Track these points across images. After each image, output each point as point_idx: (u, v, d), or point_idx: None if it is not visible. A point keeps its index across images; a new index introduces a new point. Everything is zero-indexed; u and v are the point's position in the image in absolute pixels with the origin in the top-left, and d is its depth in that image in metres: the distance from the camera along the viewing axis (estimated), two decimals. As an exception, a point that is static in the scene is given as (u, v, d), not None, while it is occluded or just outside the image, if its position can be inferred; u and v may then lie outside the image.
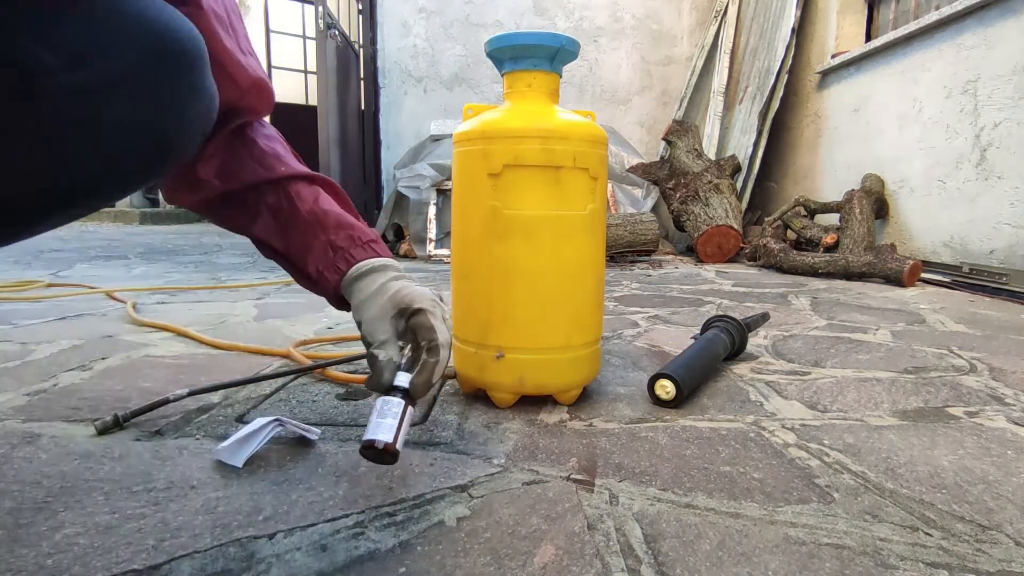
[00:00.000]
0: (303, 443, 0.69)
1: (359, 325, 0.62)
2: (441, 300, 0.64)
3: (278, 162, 0.64)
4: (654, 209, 3.29)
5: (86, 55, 0.43)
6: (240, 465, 0.62)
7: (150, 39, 0.45)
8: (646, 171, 3.33)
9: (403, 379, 0.59)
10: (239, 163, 0.61)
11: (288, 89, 6.81)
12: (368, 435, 0.55)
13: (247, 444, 0.64)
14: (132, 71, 0.44)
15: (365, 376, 0.93)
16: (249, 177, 0.62)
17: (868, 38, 3.09)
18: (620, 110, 4.47)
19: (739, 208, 3.06)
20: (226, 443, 0.64)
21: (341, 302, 0.65)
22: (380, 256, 0.64)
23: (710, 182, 3.02)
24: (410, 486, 0.59)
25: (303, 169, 0.65)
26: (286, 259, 0.65)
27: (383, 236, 3.18)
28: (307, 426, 0.70)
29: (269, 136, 0.66)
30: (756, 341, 1.24)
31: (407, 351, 0.62)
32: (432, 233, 2.95)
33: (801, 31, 3.39)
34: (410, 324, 0.62)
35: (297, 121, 6.67)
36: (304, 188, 0.64)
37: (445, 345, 0.61)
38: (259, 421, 0.67)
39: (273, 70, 6.68)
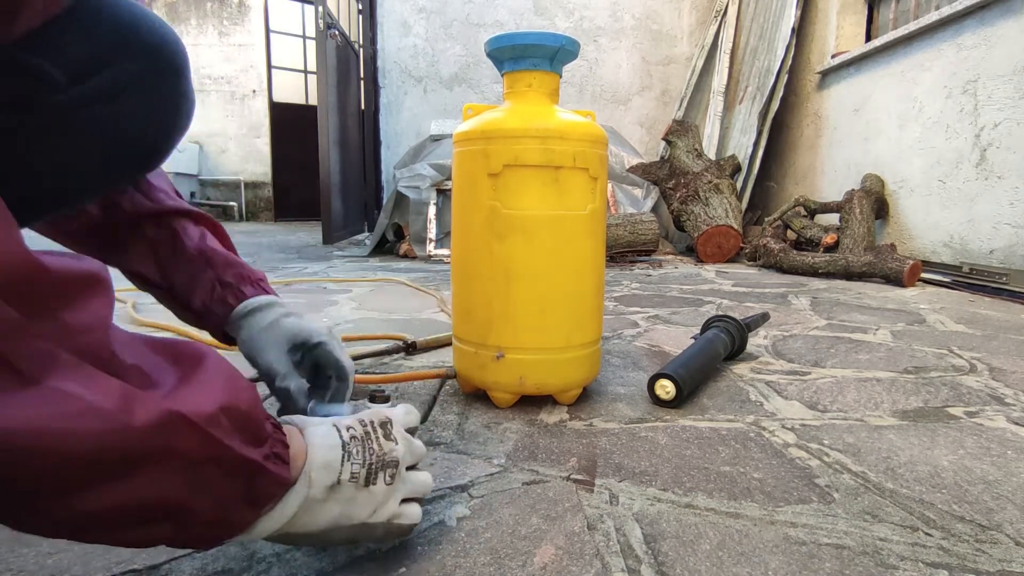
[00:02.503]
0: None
1: (252, 360, 0.62)
2: (331, 332, 0.66)
3: (165, 196, 0.63)
4: (654, 209, 3.29)
5: (91, 68, 0.46)
6: None
7: (149, 49, 0.49)
8: (646, 171, 3.33)
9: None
10: (122, 194, 0.60)
11: (288, 89, 6.81)
12: None
13: None
14: (133, 79, 0.49)
15: (365, 376, 0.93)
16: (132, 208, 0.60)
17: (868, 38, 3.09)
18: (620, 110, 4.48)
19: (739, 208, 3.06)
20: None
21: (225, 336, 0.65)
22: (269, 294, 0.65)
23: (710, 182, 3.02)
24: (410, 486, 0.59)
25: (189, 207, 0.65)
26: (165, 291, 0.64)
27: (383, 236, 3.18)
28: None
29: (156, 172, 0.65)
30: (756, 341, 1.24)
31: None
32: (432, 233, 2.95)
33: (801, 31, 3.39)
34: (313, 356, 0.63)
35: (297, 121, 6.69)
36: (190, 226, 0.64)
37: (351, 371, 0.64)
38: None
39: (273, 70, 6.67)
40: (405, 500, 0.46)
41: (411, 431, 0.52)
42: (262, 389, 0.68)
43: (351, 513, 0.42)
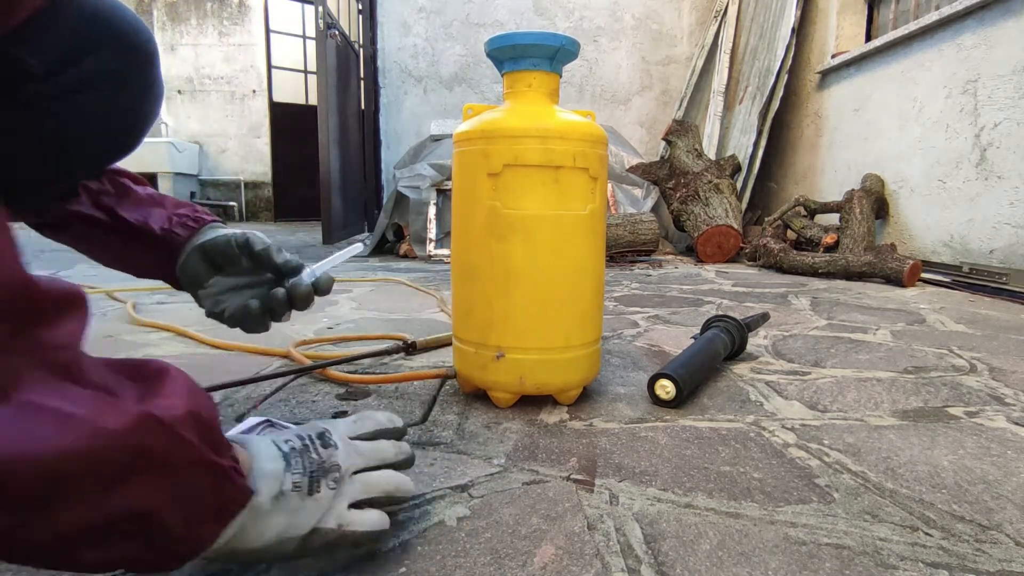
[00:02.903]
0: (303, 443, 0.69)
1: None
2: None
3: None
4: (654, 209, 3.29)
5: (67, 58, 0.48)
6: None
7: (122, 40, 0.52)
8: (646, 171, 3.33)
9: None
10: None
11: (288, 89, 6.80)
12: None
13: None
14: (108, 69, 0.51)
15: (365, 376, 0.93)
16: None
17: (868, 38, 3.09)
18: (620, 110, 4.48)
19: (739, 208, 3.06)
20: None
21: (171, 274, 0.68)
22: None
23: (710, 182, 3.02)
24: (410, 486, 0.59)
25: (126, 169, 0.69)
26: (112, 229, 0.65)
27: (383, 236, 3.18)
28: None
29: None
30: (756, 341, 1.24)
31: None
32: (432, 233, 2.95)
33: (801, 31, 3.39)
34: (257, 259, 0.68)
35: (297, 121, 6.68)
36: (131, 182, 0.68)
37: (295, 265, 0.71)
38: (249, 422, 0.67)
39: (273, 70, 6.67)
40: (359, 506, 0.45)
41: (389, 434, 0.52)
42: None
43: (298, 523, 0.41)
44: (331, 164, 3.42)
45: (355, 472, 0.46)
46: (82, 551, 0.31)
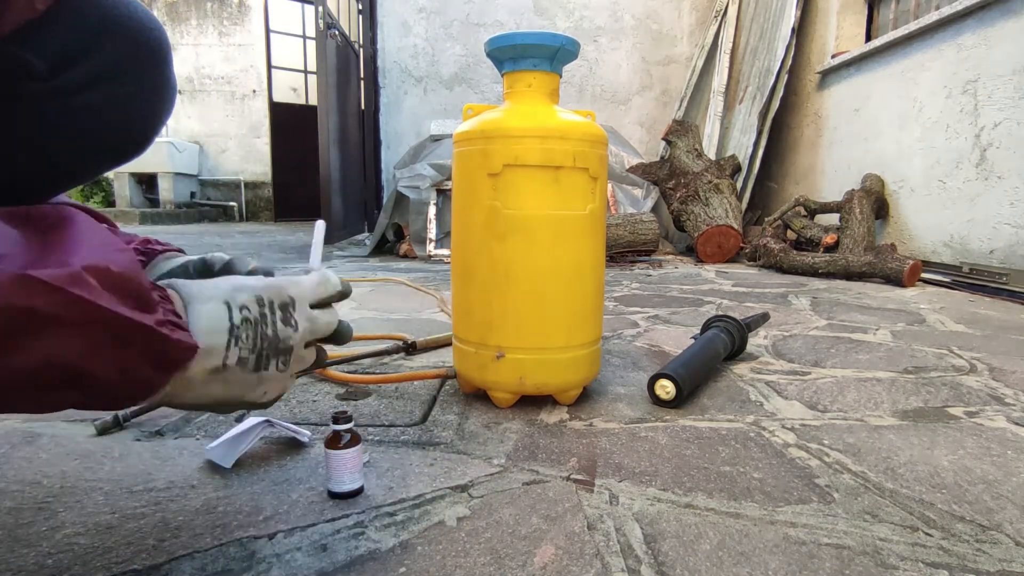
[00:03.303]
0: (302, 443, 0.69)
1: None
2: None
3: None
4: (654, 209, 3.29)
5: (73, 57, 0.46)
6: (229, 466, 0.62)
7: (131, 37, 0.49)
8: (646, 171, 3.33)
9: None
10: None
11: (288, 89, 6.80)
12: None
13: (236, 445, 0.64)
14: (116, 67, 0.49)
15: (365, 376, 0.93)
16: None
17: (868, 38, 3.09)
18: (620, 110, 4.48)
19: (739, 208, 3.06)
20: (216, 443, 0.64)
21: None
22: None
23: (710, 182, 3.02)
24: (410, 486, 0.59)
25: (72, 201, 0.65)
26: None
27: (383, 236, 3.18)
28: (297, 428, 0.69)
29: None
30: (756, 341, 1.24)
31: None
32: (432, 233, 2.95)
33: (801, 31, 3.39)
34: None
35: (297, 121, 6.68)
36: (78, 211, 0.64)
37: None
38: (249, 421, 0.67)
39: (273, 70, 6.67)
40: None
41: (341, 297, 0.49)
42: None
43: (238, 393, 0.40)
44: (331, 164, 3.42)
45: (305, 346, 0.45)
46: (18, 400, 0.32)
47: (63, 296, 0.31)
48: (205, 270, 0.59)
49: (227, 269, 0.58)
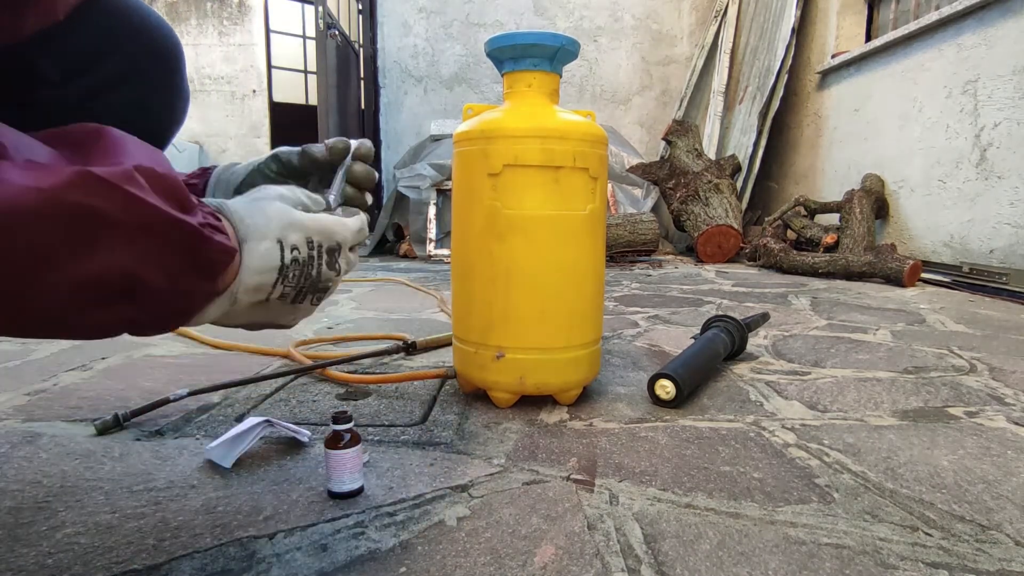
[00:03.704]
0: (302, 443, 0.69)
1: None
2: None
3: None
4: (654, 209, 3.29)
5: (86, 63, 0.46)
6: (228, 466, 0.62)
7: (146, 40, 0.48)
8: (646, 171, 3.33)
9: None
10: None
11: (288, 89, 6.80)
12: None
13: (236, 445, 0.64)
14: (129, 72, 0.48)
15: (365, 376, 0.93)
16: None
17: (868, 38, 3.09)
18: (620, 110, 4.47)
19: (739, 208, 3.06)
20: (216, 443, 0.64)
21: None
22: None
23: (710, 182, 3.02)
24: (410, 486, 0.59)
25: None
26: None
27: (383, 236, 3.17)
28: (297, 427, 0.69)
29: None
30: (756, 341, 1.24)
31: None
32: (432, 233, 2.95)
33: (801, 31, 3.39)
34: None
35: (297, 121, 6.68)
36: None
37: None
38: (249, 421, 0.67)
39: (273, 70, 6.67)
40: None
41: (358, 244, 0.50)
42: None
43: (271, 319, 0.43)
44: (331, 164, 3.41)
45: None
46: (70, 315, 0.30)
47: (121, 195, 0.30)
48: (281, 163, 0.54)
49: (304, 155, 0.54)
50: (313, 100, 6.29)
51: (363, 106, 4.31)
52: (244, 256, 0.39)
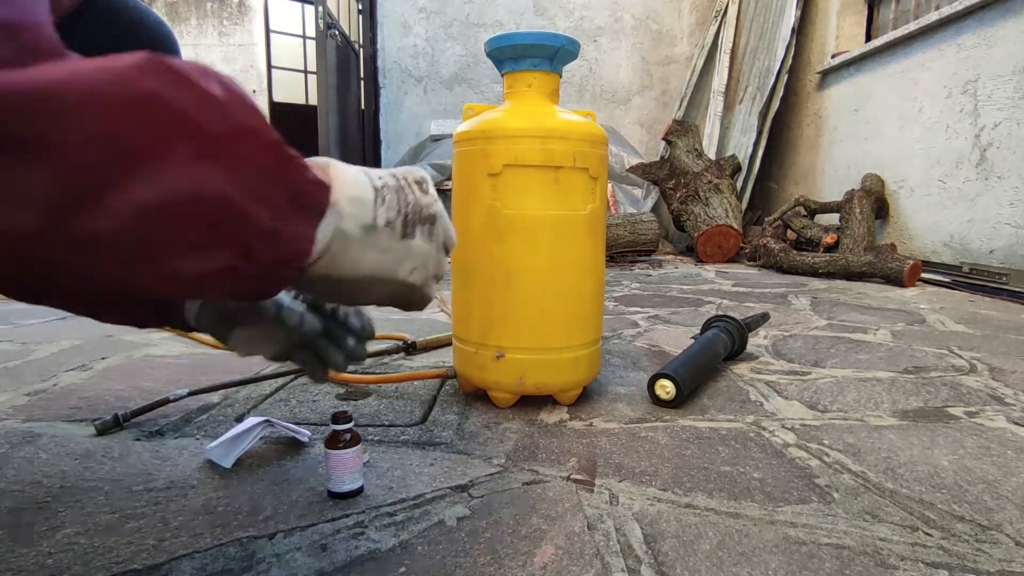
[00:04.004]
0: (302, 443, 0.69)
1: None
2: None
3: None
4: (654, 209, 3.29)
5: (92, 56, 0.46)
6: (228, 466, 0.62)
7: (141, 36, 0.49)
8: (646, 171, 3.33)
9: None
10: None
11: (288, 89, 6.80)
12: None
13: (236, 445, 0.64)
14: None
15: (365, 376, 0.93)
16: None
17: (868, 38, 3.09)
18: (620, 110, 4.47)
19: (739, 208, 3.06)
20: (216, 443, 0.64)
21: (180, 322, 0.55)
22: None
23: (710, 182, 3.02)
24: (410, 486, 0.59)
25: None
26: None
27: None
28: (297, 427, 0.69)
29: None
30: (756, 341, 1.24)
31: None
32: (432, 233, 2.95)
33: (801, 31, 3.39)
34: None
35: (297, 121, 6.69)
36: None
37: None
38: (249, 421, 0.67)
39: (273, 70, 6.67)
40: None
41: None
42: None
43: (389, 265, 0.37)
44: (331, 164, 3.41)
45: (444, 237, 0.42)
46: (172, 256, 0.28)
47: (193, 88, 0.27)
48: None
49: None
50: (313, 100, 6.29)
51: (363, 106, 4.31)
52: (331, 171, 0.36)
